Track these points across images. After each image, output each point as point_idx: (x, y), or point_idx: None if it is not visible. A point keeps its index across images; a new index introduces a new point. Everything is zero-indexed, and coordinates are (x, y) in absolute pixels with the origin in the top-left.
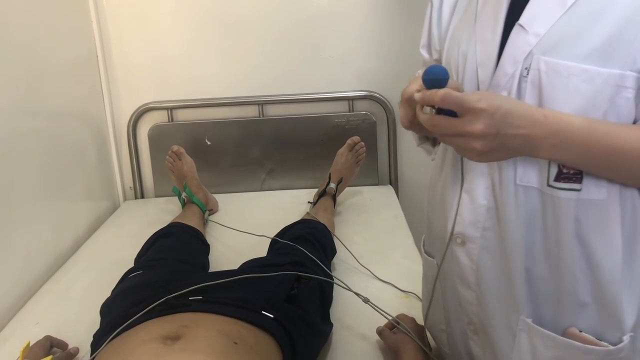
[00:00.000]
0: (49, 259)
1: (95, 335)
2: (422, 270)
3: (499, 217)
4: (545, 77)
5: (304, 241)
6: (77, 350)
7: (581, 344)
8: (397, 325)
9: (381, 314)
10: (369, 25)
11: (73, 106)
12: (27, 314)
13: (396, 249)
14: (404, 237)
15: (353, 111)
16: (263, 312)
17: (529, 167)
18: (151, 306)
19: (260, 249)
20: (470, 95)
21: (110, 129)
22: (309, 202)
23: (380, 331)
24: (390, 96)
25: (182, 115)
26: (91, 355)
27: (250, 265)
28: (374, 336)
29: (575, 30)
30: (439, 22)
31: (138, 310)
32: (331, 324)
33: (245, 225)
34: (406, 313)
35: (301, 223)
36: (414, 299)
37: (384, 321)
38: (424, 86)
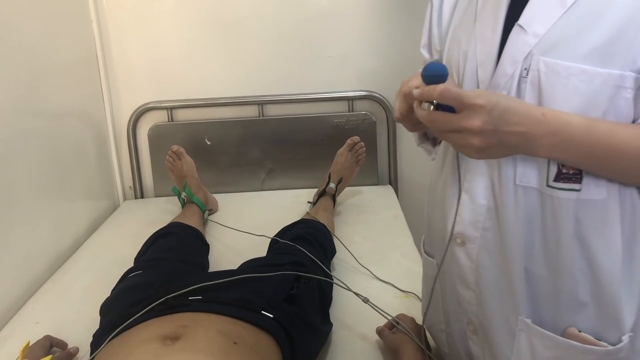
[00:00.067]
0: (49, 259)
1: (94, 335)
2: (422, 270)
3: (499, 217)
4: (544, 78)
5: (303, 241)
6: (77, 349)
7: (580, 344)
8: (397, 325)
9: (381, 314)
10: (369, 25)
11: (73, 106)
12: (27, 313)
13: (396, 249)
14: (404, 237)
15: (353, 111)
16: (263, 312)
17: (528, 167)
18: (151, 306)
19: (260, 249)
20: (468, 91)
21: (110, 129)
22: (308, 202)
23: (379, 331)
24: (390, 96)
25: (182, 115)
26: (91, 354)
27: (250, 265)
28: (373, 336)
29: (575, 31)
30: (440, 22)
31: (137, 310)
32: (331, 324)
33: (245, 225)
34: (406, 313)
35: (301, 223)
36: (414, 299)
37: (384, 321)
38: (423, 82)
